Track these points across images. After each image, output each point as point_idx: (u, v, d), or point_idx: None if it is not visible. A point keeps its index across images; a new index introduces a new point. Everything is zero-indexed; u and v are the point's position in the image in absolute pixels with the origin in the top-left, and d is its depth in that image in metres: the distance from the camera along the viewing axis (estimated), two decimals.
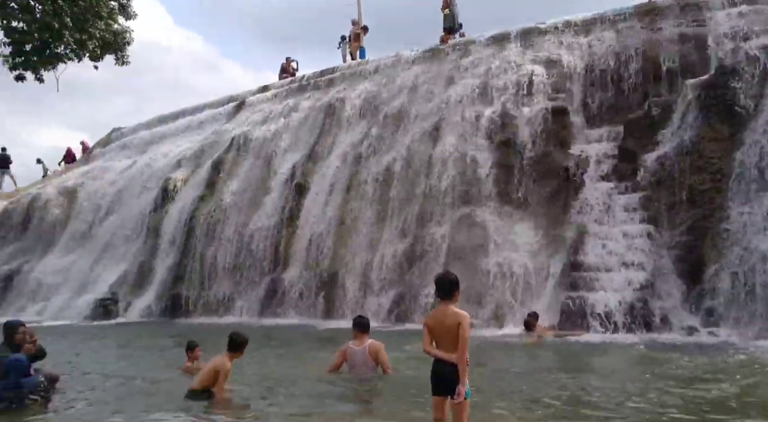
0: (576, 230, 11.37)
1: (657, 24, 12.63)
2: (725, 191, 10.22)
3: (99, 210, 20.26)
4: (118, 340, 12.16)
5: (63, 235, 20.63)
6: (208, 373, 5.69)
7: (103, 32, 24.13)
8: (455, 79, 14.96)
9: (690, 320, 9.92)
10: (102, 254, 19.02)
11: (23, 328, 6.50)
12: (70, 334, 12.89)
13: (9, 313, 17.48)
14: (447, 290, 4.19)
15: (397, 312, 12.62)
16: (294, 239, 15.14)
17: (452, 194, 13.13)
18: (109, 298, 17.29)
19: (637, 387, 6.06)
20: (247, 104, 20.76)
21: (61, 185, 22.07)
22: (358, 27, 20.29)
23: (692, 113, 10.84)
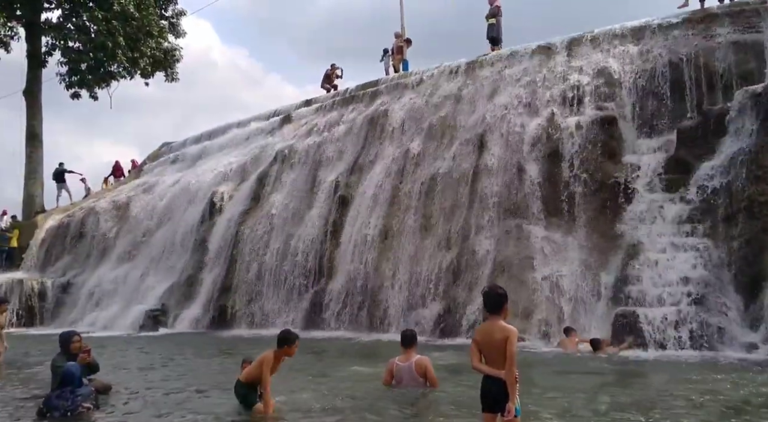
0: (627, 243, 11.32)
1: (711, 31, 12.50)
2: None
3: (149, 223, 21.28)
4: (166, 351, 12.73)
5: (115, 247, 21.75)
6: (255, 367, 5.98)
7: (154, 50, 25.65)
8: (500, 89, 15.14)
9: (749, 336, 9.72)
10: (152, 266, 19.97)
11: (78, 337, 7.01)
12: (121, 344, 13.55)
13: (64, 324, 18.55)
14: (495, 305, 4.19)
15: (443, 326, 12.79)
16: (338, 252, 15.57)
17: (498, 206, 13.26)
18: (158, 309, 18.15)
19: (690, 408, 6.04)
20: (291, 118, 21.48)
21: (114, 199, 23.31)
22: (401, 40, 20.75)
23: (749, 122, 10.68)
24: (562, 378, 7.98)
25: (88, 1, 24.42)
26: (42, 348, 11.87)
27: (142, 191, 22.89)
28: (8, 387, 8.34)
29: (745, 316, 9.94)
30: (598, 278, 11.46)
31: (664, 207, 11.24)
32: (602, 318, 11.08)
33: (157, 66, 25.26)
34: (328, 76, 22.52)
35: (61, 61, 26.26)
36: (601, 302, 11.25)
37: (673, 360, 9.18)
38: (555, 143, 12.96)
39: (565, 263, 11.92)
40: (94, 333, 16.76)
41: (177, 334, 16.66)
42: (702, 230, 10.75)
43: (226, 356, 11.31)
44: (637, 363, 9.18)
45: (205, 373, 9.31)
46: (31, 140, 25.29)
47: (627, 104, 12.86)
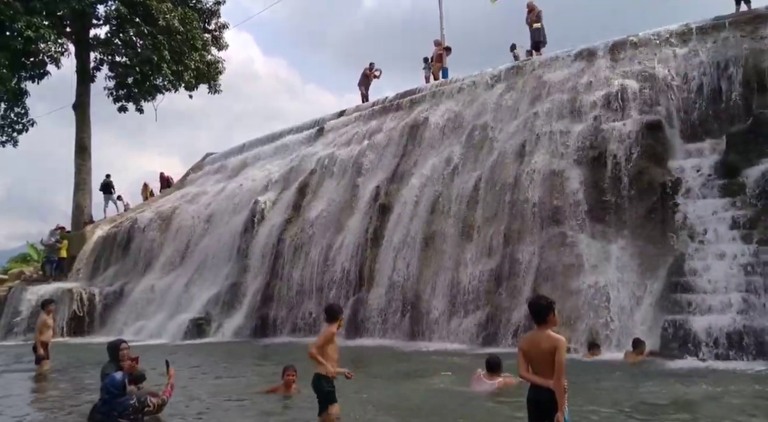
0: (675, 249, 11.41)
1: (759, 32, 12.53)
2: None
3: (193, 233, 22.32)
4: (211, 359, 13.40)
5: (160, 257, 22.86)
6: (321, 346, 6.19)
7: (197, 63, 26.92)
8: (542, 95, 15.44)
9: None
10: (196, 275, 20.91)
11: (125, 345, 7.26)
12: (167, 353, 14.16)
13: (112, 333, 19.63)
14: (540, 315, 4.28)
15: (485, 334, 13.09)
16: (378, 260, 16.08)
17: (541, 213, 13.51)
18: (202, 318, 19.00)
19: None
20: (331, 127, 22.27)
21: (158, 210, 24.52)
22: (440, 48, 21.29)
23: None
24: (606, 388, 8.15)
25: (135, 17, 25.87)
26: (92, 356, 12.60)
27: (186, 202, 24.02)
28: (59, 395, 8.94)
29: None
30: (644, 286, 11.58)
31: (712, 213, 11.30)
32: (650, 326, 11.18)
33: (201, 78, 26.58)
34: (366, 75, 23.17)
35: (109, 76, 27.82)
36: (649, 311, 11.36)
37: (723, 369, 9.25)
38: (599, 148, 13.16)
39: (610, 271, 12.08)
40: (141, 342, 17.69)
41: (221, 342, 17.43)
42: (753, 236, 10.77)
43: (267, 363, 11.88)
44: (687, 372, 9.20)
45: (250, 380, 9.80)
46: (80, 153, 26.84)
47: (673, 108, 12.97)
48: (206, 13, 26.82)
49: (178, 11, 25.59)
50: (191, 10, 26.34)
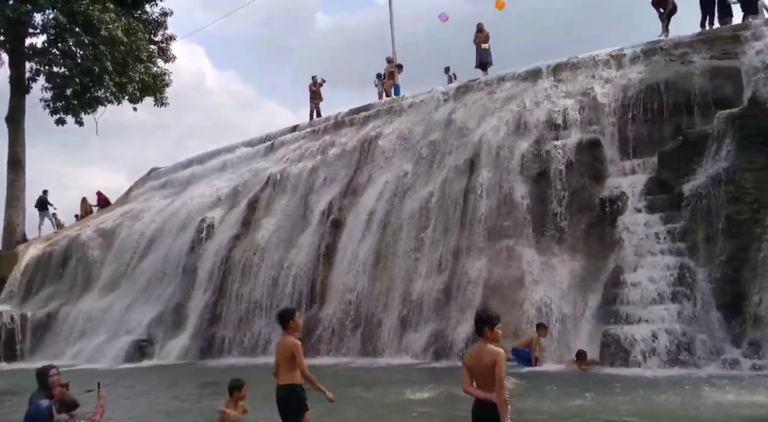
0: (613, 262, 12.46)
1: (688, 57, 13.94)
2: (763, 221, 11.19)
3: (136, 251, 22.27)
4: (152, 383, 13.55)
5: (100, 277, 22.68)
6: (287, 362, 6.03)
7: (142, 75, 26.97)
8: (489, 113, 16.48)
9: (732, 352, 10.77)
10: (139, 295, 20.88)
11: (55, 371, 6.97)
12: (106, 377, 14.06)
13: (47, 357, 19.29)
14: (479, 328, 4.51)
15: (435, 349, 13.80)
16: (330, 276, 16.64)
17: (489, 228, 14.41)
18: (145, 340, 19.01)
19: None
20: (283, 142, 22.81)
21: (99, 227, 24.35)
22: (392, 65, 22.28)
23: (726, 144, 11.97)
24: (548, 399, 8.87)
25: (75, 26, 25.77)
26: (21, 383, 11.98)
27: (129, 218, 23.96)
28: None
29: (728, 332, 11.01)
30: (586, 298, 12.56)
31: (647, 227, 12.42)
32: (591, 337, 12.13)
33: (146, 91, 26.67)
34: (313, 91, 23.92)
35: (46, 87, 27.52)
36: (590, 321, 12.34)
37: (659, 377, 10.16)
38: (542, 165, 14.21)
39: (554, 283, 13.05)
40: (79, 366, 17.57)
41: (165, 365, 17.51)
42: (684, 250, 11.90)
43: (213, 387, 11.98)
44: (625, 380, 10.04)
45: (189, 408, 9.95)
46: (13, 168, 26.34)
47: (610, 127, 14.19)
48: (152, 24, 27.01)
49: (122, 21, 25.68)
50: (136, 21, 26.48)
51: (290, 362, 5.97)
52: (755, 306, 10.80)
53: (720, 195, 11.70)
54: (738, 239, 11.37)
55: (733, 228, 11.45)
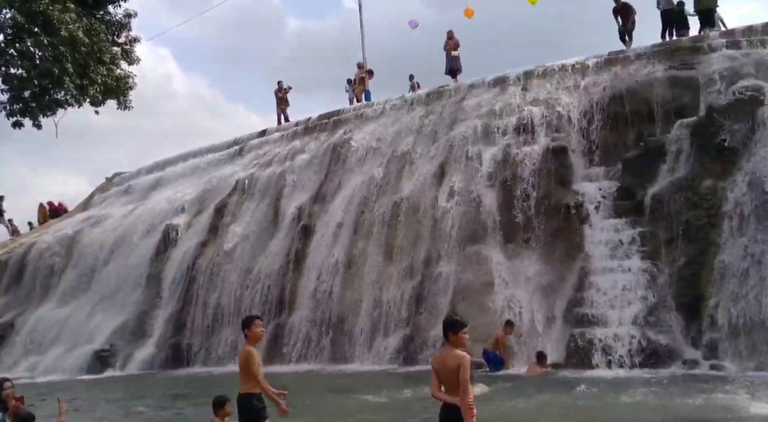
0: (579, 266, 13.00)
1: (650, 67, 14.68)
2: (719, 226, 11.87)
3: (98, 258, 22.00)
4: (115, 395, 13.42)
5: (59, 285, 22.30)
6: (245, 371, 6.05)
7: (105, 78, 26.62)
8: (459, 120, 16.97)
9: (691, 353, 11.39)
10: (100, 303, 20.61)
11: (9, 384, 6.86)
12: (65, 390, 13.72)
13: (1, 369, 18.91)
14: (445, 333, 4.62)
15: (405, 354, 14.12)
16: (300, 282, 16.82)
17: (458, 233, 14.83)
18: (106, 350, 18.74)
19: None
20: (251, 147, 22.91)
21: (58, 234, 23.95)
22: (363, 71, 22.64)
23: (685, 152, 12.68)
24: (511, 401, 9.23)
25: (33, 27, 25.27)
26: None
27: (90, 225, 23.64)
28: None
29: (687, 334, 11.63)
30: (553, 302, 13.07)
31: (611, 232, 13.02)
32: (558, 340, 12.63)
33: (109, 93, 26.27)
34: (279, 97, 24.09)
35: (2, 89, 26.87)
36: (557, 325, 12.84)
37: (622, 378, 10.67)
38: (510, 171, 14.73)
39: (522, 287, 13.52)
40: (36, 379, 17.27)
41: (128, 376, 17.37)
42: (647, 253, 12.53)
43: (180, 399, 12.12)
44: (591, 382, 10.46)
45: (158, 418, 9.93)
46: None
47: (575, 135, 14.81)
48: (115, 26, 26.73)
49: (83, 22, 25.23)
50: (98, 22, 26.14)
51: (246, 371, 6.03)
52: (712, 309, 11.46)
53: (679, 201, 12.37)
54: (696, 243, 12.04)
55: (692, 233, 12.12)
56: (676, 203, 12.43)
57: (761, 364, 10.57)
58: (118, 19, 26.64)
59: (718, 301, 11.42)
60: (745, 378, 9.77)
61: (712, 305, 11.46)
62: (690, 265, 11.97)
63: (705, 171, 12.34)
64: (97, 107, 26.50)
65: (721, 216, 11.95)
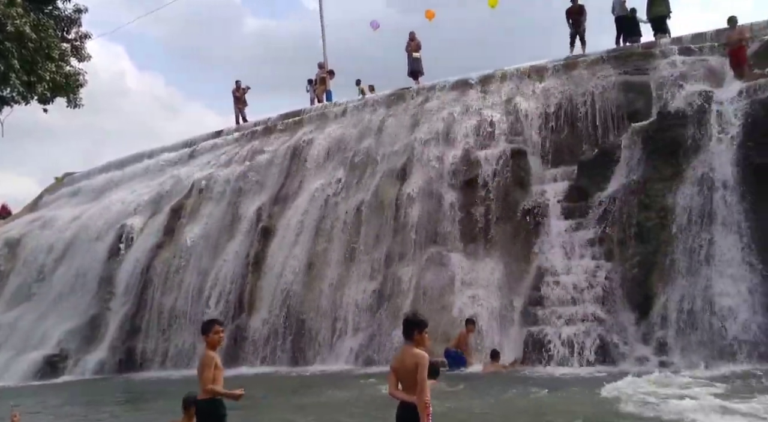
0: (535, 266, 13.54)
1: (605, 72, 15.42)
2: (669, 227, 12.54)
3: (46, 261, 21.62)
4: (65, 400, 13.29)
5: (5, 289, 21.82)
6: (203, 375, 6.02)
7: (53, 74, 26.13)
8: (420, 122, 17.40)
9: (642, 350, 11.99)
10: (50, 307, 20.31)
11: None
12: (14, 396, 13.73)
13: None
14: (405, 331, 4.75)
15: (367, 355, 14.42)
16: (260, 284, 16.94)
17: (420, 234, 15.22)
18: (56, 354, 18.55)
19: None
20: (208, 147, 22.83)
21: (4, 236, 23.38)
22: (324, 71, 22.87)
23: (638, 155, 13.35)
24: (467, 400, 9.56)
25: None
26: None
27: (38, 227, 23.19)
28: None
29: (638, 332, 12.24)
30: (511, 301, 13.57)
31: (568, 232, 13.60)
32: (516, 339, 13.12)
33: (58, 91, 25.83)
34: (237, 97, 24.09)
35: None
36: (514, 324, 13.34)
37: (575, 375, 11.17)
38: (471, 173, 15.21)
39: (481, 287, 14.00)
40: None
41: (80, 381, 17.19)
42: (600, 253, 13.14)
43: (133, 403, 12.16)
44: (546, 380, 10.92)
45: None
46: None
47: (534, 137, 15.41)
48: (65, 21, 26.28)
49: (31, 17, 24.77)
50: (47, 17, 25.67)
51: (202, 375, 5.99)
52: (662, 307, 12.09)
53: (632, 203, 13.02)
54: (647, 244, 12.69)
55: (643, 234, 12.77)
56: (628, 204, 13.07)
57: (708, 360, 11.20)
58: (67, 15, 26.23)
59: (667, 300, 12.06)
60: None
61: (662, 304, 12.08)
62: (641, 265, 12.60)
63: (656, 174, 13.01)
64: (46, 104, 26.08)
65: (671, 217, 12.61)
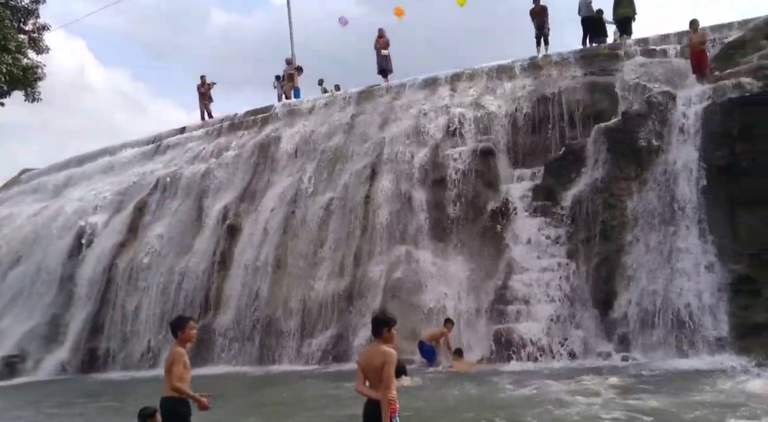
0: (503, 265, 13.86)
1: (571, 72, 15.84)
2: (632, 226, 12.98)
3: (3, 260, 21.20)
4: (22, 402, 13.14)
5: None
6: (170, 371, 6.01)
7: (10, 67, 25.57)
8: (390, 120, 17.59)
9: (605, 346, 12.41)
10: (7, 307, 19.94)
11: None
12: None
13: None
14: (374, 329, 4.86)
15: (335, 353, 14.55)
16: (226, 283, 16.92)
17: (389, 233, 15.41)
18: (15, 355, 18.27)
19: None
20: (173, 144, 22.63)
21: None
22: (292, 67, 22.85)
23: (602, 155, 13.76)
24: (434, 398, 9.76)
25: None
26: None
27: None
28: None
29: (601, 328, 12.66)
30: (479, 299, 13.87)
31: (534, 231, 13.95)
32: (483, 336, 13.42)
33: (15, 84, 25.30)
34: (202, 93, 23.91)
35: None
36: (482, 321, 13.64)
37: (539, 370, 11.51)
38: (440, 172, 15.46)
39: (450, 285, 14.26)
40: None
41: (39, 382, 16.94)
42: (566, 252, 13.53)
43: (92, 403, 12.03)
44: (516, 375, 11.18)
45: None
46: None
47: (502, 137, 15.75)
48: (22, 12, 25.72)
49: None
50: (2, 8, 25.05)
51: (169, 372, 5.98)
52: (625, 304, 12.54)
53: (597, 202, 13.43)
54: (611, 242, 13.12)
55: (607, 232, 13.19)
56: (593, 204, 13.48)
57: (666, 355, 11.63)
58: (24, 5, 25.64)
59: (629, 297, 12.51)
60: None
61: (624, 301, 12.53)
62: (605, 263, 13.02)
63: (620, 173, 13.44)
64: (2, 98, 25.50)
65: (634, 216, 13.06)
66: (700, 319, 11.56)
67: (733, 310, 11.35)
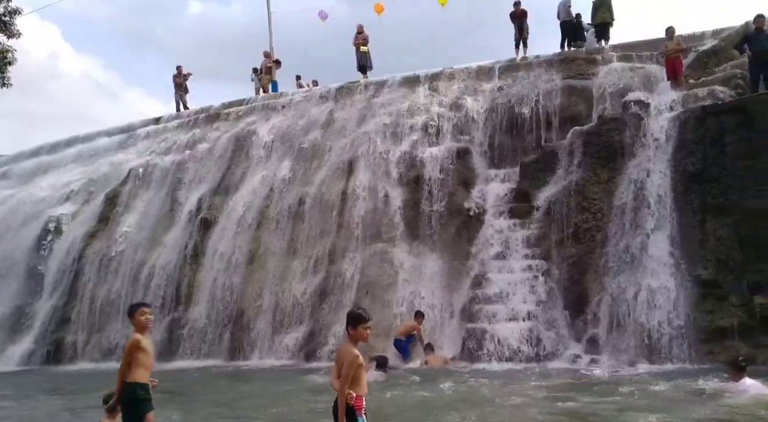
0: (477, 264, 14.06)
1: (549, 75, 16.08)
2: (605, 229, 13.28)
3: None
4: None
5: None
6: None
7: None
8: (368, 117, 17.66)
9: (575, 348, 12.68)
10: None
11: None
12: None
13: None
14: (346, 326, 4.98)
15: (307, 350, 14.61)
16: (198, 277, 16.86)
17: (364, 230, 15.50)
18: None
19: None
20: (147, 134, 22.40)
21: None
22: (270, 60, 22.76)
23: (577, 158, 14.04)
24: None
25: None
26: None
27: None
28: None
29: (571, 330, 12.92)
30: (452, 298, 14.05)
31: (508, 232, 14.18)
32: (455, 335, 13.61)
33: None
34: (177, 83, 23.70)
35: None
36: (455, 320, 13.83)
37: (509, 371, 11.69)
38: (416, 171, 15.60)
39: (424, 284, 14.41)
40: None
41: (3, 373, 16.69)
42: (539, 253, 13.77)
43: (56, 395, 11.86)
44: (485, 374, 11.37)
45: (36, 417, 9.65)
46: None
47: (479, 137, 15.95)
48: None
49: None
50: None
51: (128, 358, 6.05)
52: (595, 306, 12.83)
53: (570, 204, 13.69)
54: (584, 244, 13.41)
55: (580, 235, 13.48)
56: (566, 206, 13.74)
57: (633, 359, 11.91)
58: None
59: (600, 299, 12.80)
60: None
61: (595, 303, 12.82)
62: (577, 265, 13.31)
63: (594, 176, 13.73)
64: None
65: (606, 219, 13.37)
66: (666, 323, 11.89)
67: (698, 314, 11.69)
